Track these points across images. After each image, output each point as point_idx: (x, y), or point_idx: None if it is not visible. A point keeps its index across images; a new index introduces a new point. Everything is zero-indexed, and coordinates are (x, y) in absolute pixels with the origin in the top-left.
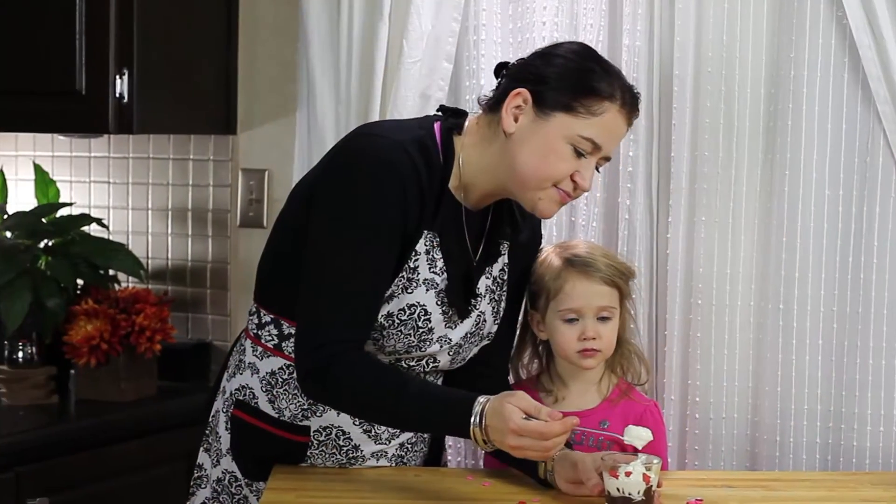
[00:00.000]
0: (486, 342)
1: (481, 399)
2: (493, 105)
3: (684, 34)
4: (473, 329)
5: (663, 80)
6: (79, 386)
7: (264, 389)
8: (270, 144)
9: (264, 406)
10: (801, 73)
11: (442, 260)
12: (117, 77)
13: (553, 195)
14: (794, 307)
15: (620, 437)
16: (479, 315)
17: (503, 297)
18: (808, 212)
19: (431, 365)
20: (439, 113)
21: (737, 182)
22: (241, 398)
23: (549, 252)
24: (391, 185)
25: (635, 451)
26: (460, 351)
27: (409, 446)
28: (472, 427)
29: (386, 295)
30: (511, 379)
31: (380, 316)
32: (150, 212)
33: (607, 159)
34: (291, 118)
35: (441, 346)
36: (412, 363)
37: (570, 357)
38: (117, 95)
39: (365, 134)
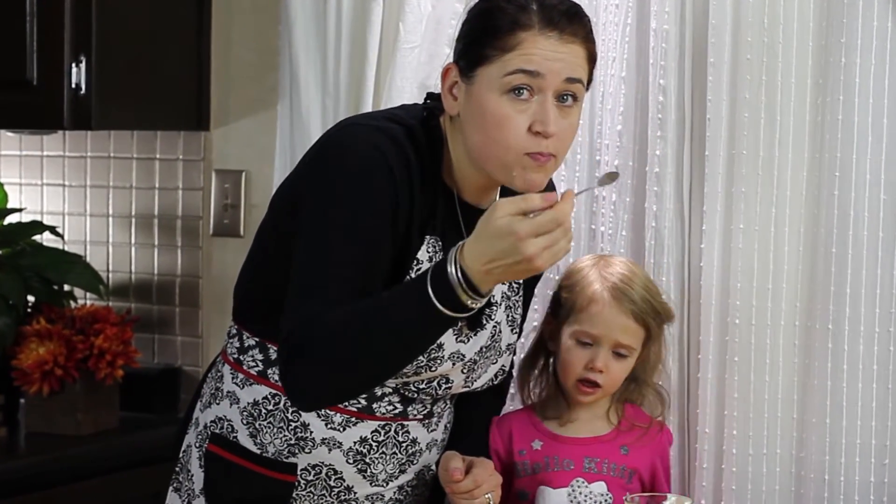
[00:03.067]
0: (504, 358)
1: (451, 251)
2: None
3: (720, 16)
4: (489, 342)
5: (696, 68)
6: (29, 417)
7: (245, 422)
8: (248, 142)
9: (245, 440)
10: (853, 60)
11: None
12: (73, 65)
13: (526, 162)
14: (844, 328)
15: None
16: (494, 326)
17: (519, 303)
18: (861, 219)
19: (444, 386)
20: (429, 101)
21: (779, 185)
22: (217, 431)
23: (586, 263)
24: (380, 174)
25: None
26: (475, 368)
27: (409, 489)
28: (456, 287)
29: None
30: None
31: None
32: (110, 219)
33: (572, 81)
34: (272, 112)
35: (454, 364)
36: (422, 385)
37: (569, 384)
38: (73, 86)
39: (350, 124)
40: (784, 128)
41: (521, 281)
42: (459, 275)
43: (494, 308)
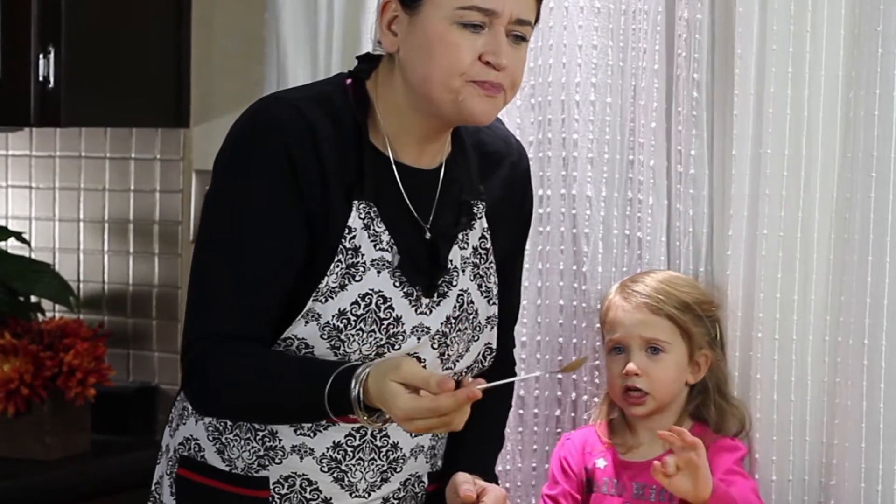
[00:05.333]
0: (487, 333)
1: (359, 373)
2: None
3: (747, 3)
4: (458, 313)
5: (723, 60)
6: None
7: (211, 438)
8: None
9: (212, 458)
10: (889, 50)
11: (387, 232)
12: (40, 56)
13: (472, 90)
14: (881, 342)
15: None
16: (459, 294)
17: (491, 271)
18: None
19: None
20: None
21: (808, 187)
22: (185, 454)
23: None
24: (271, 151)
25: None
26: (447, 343)
27: (396, 502)
28: (356, 409)
29: (327, 289)
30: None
31: (331, 317)
32: (81, 224)
33: (523, 23)
34: None
35: (419, 339)
36: None
37: (617, 398)
38: (40, 79)
39: (256, 101)
40: (812, 124)
41: (488, 247)
42: (361, 397)
43: (455, 274)
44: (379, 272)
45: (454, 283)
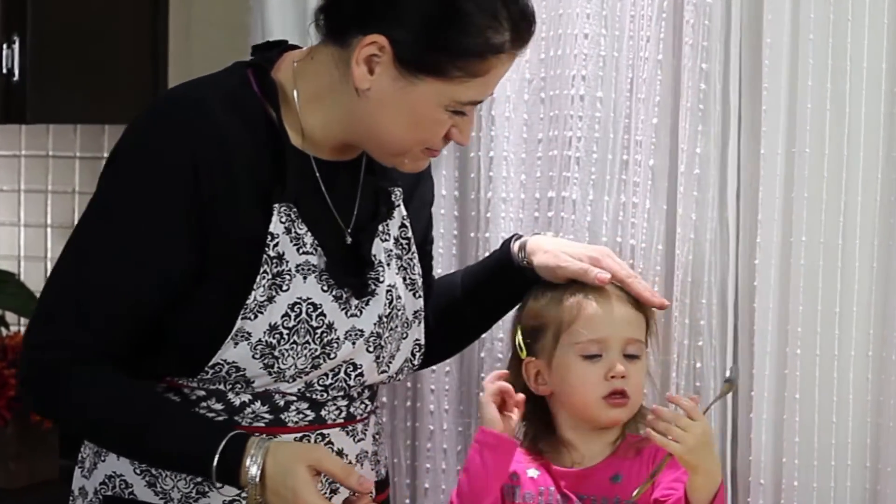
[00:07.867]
0: (416, 329)
1: (255, 441)
2: (334, 36)
3: None
4: (388, 311)
5: (749, 51)
6: None
7: (139, 471)
8: None
9: (143, 494)
10: None
11: (309, 233)
12: (4, 47)
13: (419, 156)
14: None
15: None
16: (388, 290)
17: (414, 262)
18: None
19: (354, 375)
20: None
21: (848, 189)
22: (109, 493)
23: (545, 292)
24: (175, 162)
25: None
26: (381, 344)
27: None
28: (246, 479)
29: (255, 305)
30: None
31: (262, 333)
32: (49, 229)
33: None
34: None
35: (354, 344)
36: (328, 381)
37: (591, 407)
38: (4, 71)
39: (153, 101)
40: (854, 121)
41: (409, 236)
42: (257, 476)
43: (382, 269)
44: (305, 278)
45: (381, 279)
